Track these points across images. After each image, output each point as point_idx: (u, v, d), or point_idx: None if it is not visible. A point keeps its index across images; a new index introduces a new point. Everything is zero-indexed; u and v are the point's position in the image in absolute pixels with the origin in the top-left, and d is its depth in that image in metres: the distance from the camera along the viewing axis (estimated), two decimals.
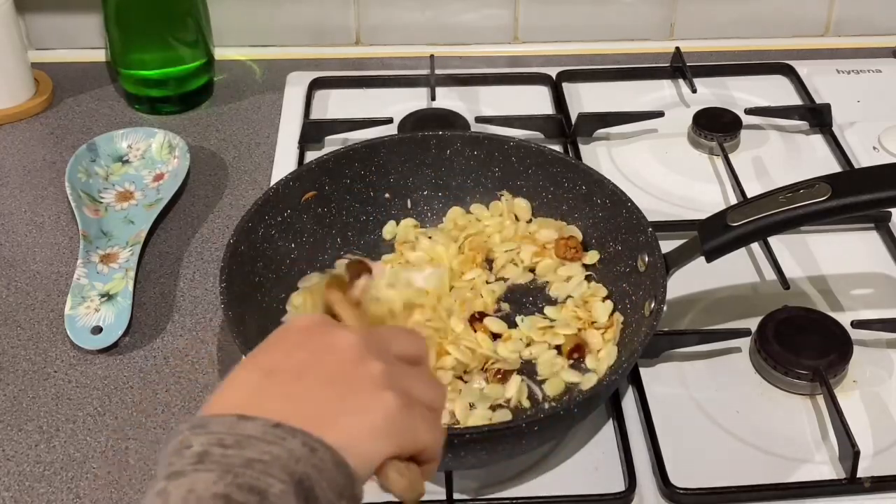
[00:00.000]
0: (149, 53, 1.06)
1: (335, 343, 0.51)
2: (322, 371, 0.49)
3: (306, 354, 0.50)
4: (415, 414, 0.50)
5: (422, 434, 0.50)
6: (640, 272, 0.76)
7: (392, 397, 0.48)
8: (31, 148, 1.03)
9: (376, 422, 0.48)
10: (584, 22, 1.17)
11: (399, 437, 0.48)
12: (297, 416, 0.46)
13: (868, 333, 0.78)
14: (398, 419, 0.48)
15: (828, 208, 0.69)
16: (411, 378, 0.51)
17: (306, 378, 0.48)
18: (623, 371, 0.69)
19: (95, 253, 0.87)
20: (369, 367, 0.49)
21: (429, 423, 0.51)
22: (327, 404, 0.48)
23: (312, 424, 0.46)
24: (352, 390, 0.48)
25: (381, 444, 0.48)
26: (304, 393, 0.48)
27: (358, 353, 0.50)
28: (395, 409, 0.48)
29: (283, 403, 0.47)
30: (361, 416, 0.48)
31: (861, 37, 1.20)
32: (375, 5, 1.15)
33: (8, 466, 0.71)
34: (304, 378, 0.48)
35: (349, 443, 0.46)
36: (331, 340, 0.51)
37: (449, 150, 0.87)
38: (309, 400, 0.48)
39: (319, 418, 0.46)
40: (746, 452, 0.71)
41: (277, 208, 0.81)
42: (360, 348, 0.50)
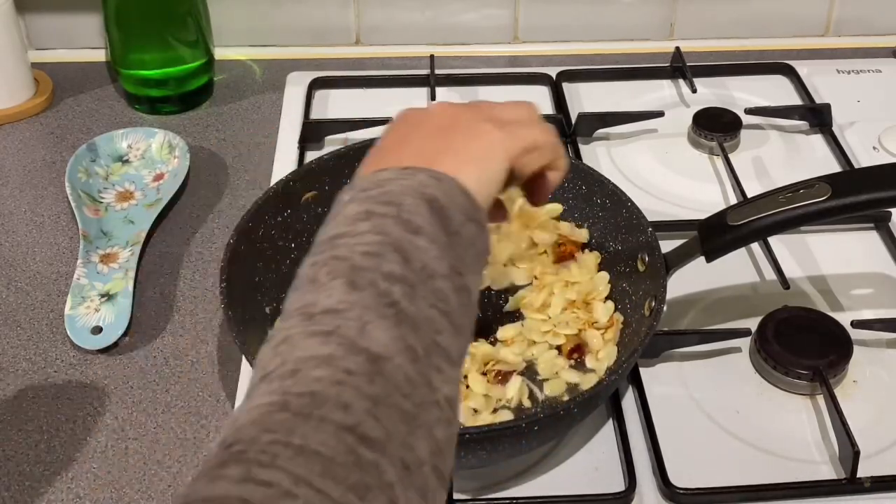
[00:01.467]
0: (149, 53, 1.06)
1: (430, 111, 0.59)
2: (424, 130, 0.57)
3: (407, 128, 0.58)
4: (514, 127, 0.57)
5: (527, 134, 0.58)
6: (640, 272, 0.76)
7: (490, 126, 0.56)
8: (31, 148, 1.03)
9: (481, 147, 0.55)
10: (584, 22, 1.17)
11: (507, 150, 0.56)
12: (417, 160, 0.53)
13: (868, 333, 0.78)
14: (500, 136, 0.56)
15: (828, 208, 0.69)
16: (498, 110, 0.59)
17: (411, 138, 0.56)
18: (623, 371, 0.69)
19: (95, 253, 0.87)
20: (463, 116, 0.57)
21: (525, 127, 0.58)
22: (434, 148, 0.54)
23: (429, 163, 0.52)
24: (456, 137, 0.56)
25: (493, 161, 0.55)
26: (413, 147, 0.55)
27: (452, 111, 0.58)
28: (494, 131, 0.56)
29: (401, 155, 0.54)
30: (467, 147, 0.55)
31: (861, 37, 1.20)
32: (375, 5, 1.15)
33: (8, 466, 0.71)
34: (410, 139, 0.56)
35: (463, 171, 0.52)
36: (425, 112, 0.60)
37: None
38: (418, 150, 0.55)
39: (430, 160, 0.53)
40: (746, 452, 0.71)
41: (277, 208, 0.81)
42: (451, 107, 0.59)
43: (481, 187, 0.53)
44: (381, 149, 0.57)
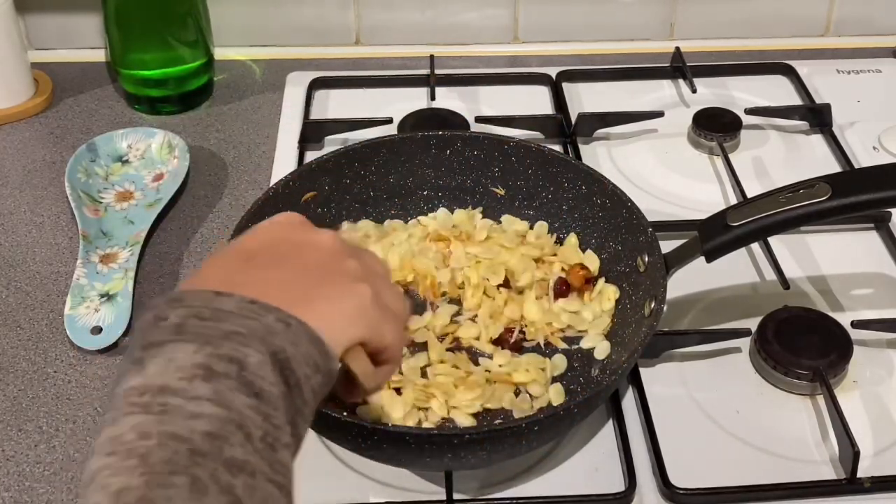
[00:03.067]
0: (149, 53, 1.06)
1: (315, 240, 0.53)
2: (301, 261, 0.51)
3: (287, 246, 0.52)
4: (384, 311, 0.52)
5: (388, 332, 0.52)
6: (640, 272, 0.76)
7: (366, 289, 0.51)
8: (31, 148, 1.03)
9: (350, 308, 0.50)
10: (584, 22, 1.17)
11: (369, 327, 0.51)
12: (273, 298, 0.47)
13: (868, 333, 0.78)
14: (370, 310, 0.51)
15: (828, 208, 0.69)
16: (381, 284, 0.54)
17: (285, 266, 0.51)
18: (623, 371, 0.68)
19: (95, 253, 0.87)
20: (347, 263, 0.52)
21: (394, 326, 0.53)
22: (303, 289, 0.49)
23: (288, 305, 0.47)
24: (328, 279, 0.51)
25: (353, 329, 0.50)
26: (282, 278, 0.50)
27: (337, 250, 0.53)
28: (368, 300, 0.51)
29: (260, 286, 0.48)
30: (336, 302, 0.50)
31: (861, 37, 1.20)
32: (375, 5, 1.15)
33: (8, 466, 0.71)
34: (283, 266, 0.51)
35: (323, 324, 0.48)
36: (312, 237, 0.53)
37: (449, 150, 0.87)
38: (286, 284, 0.49)
39: (295, 301, 0.48)
40: (746, 452, 0.71)
41: (277, 208, 0.80)
42: (338, 247, 0.53)
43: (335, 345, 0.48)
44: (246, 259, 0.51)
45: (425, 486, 0.69)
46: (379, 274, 0.55)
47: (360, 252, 0.55)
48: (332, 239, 0.53)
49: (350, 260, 0.52)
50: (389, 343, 0.53)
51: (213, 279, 0.49)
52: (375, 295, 0.51)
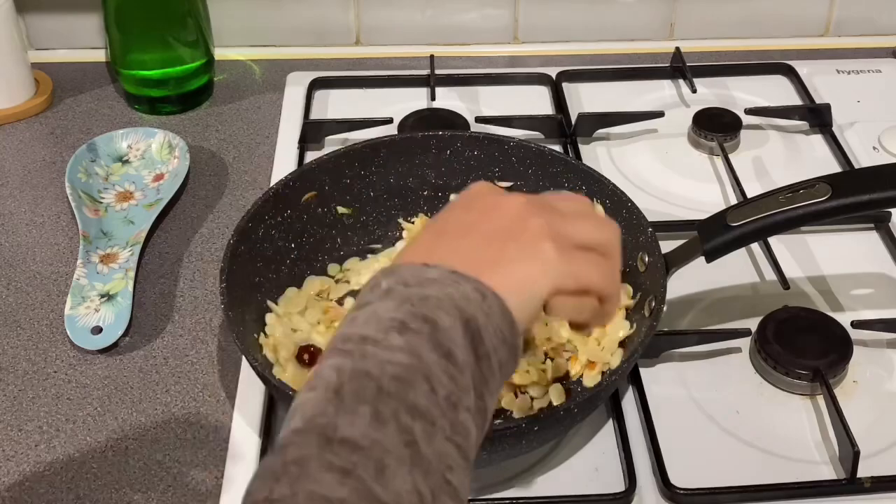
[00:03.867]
0: (149, 53, 1.06)
1: (500, 204, 0.55)
2: (486, 228, 0.54)
3: (474, 215, 0.55)
4: (576, 258, 0.54)
5: (585, 275, 0.54)
6: (640, 272, 0.76)
7: (550, 246, 0.53)
8: (31, 148, 1.03)
9: (534, 269, 0.52)
10: (584, 22, 1.17)
11: (558, 280, 0.52)
12: (460, 266, 0.50)
13: (868, 333, 0.78)
14: (555, 265, 0.52)
15: (828, 208, 0.69)
16: (576, 226, 0.55)
17: (472, 235, 0.53)
18: (623, 371, 0.69)
19: (95, 253, 0.87)
20: (530, 222, 0.53)
21: (594, 266, 0.55)
22: (488, 256, 0.52)
23: (476, 272, 0.50)
24: (512, 243, 0.53)
25: (538, 288, 0.52)
26: (469, 247, 0.53)
27: (521, 211, 0.54)
28: (552, 256, 0.52)
29: (450, 256, 0.52)
30: (519, 265, 0.52)
31: (861, 37, 1.20)
32: (375, 5, 1.15)
33: (8, 466, 0.71)
34: (470, 235, 0.53)
35: (507, 290, 0.50)
36: (496, 201, 0.55)
37: (449, 150, 0.87)
38: (473, 252, 0.52)
39: (481, 266, 0.51)
40: (746, 452, 0.71)
41: (277, 208, 0.80)
42: (523, 207, 0.54)
43: (522, 311, 0.51)
44: (440, 232, 0.55)
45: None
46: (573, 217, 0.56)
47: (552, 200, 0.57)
48: (515, 201, 0.55)
49: (533, 218, 0.54)
50: (591, 283, 0.54)
51: (417, 252, 0.53)
52: (561, 246, 0.53)
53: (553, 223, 0.54)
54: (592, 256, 0.55)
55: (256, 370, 0.67)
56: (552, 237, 0.53)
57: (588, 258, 0.55)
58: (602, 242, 0.56)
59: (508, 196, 0.56)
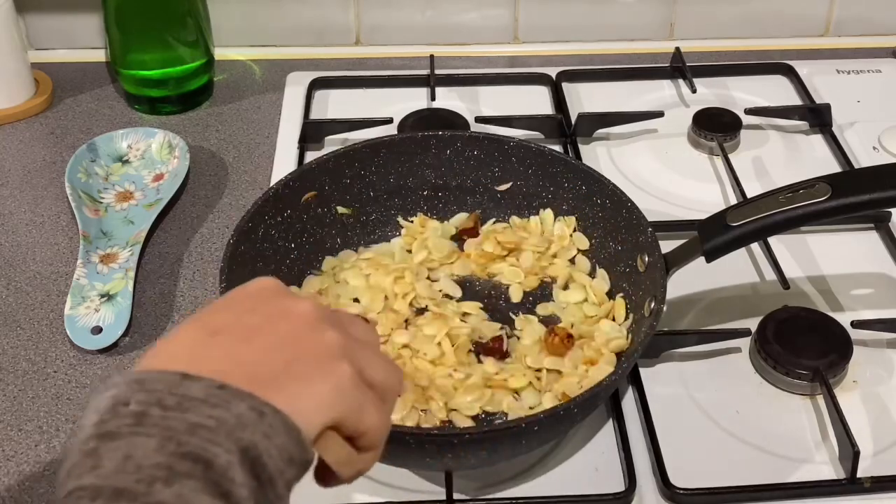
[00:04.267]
0: (149, 53, 1.06)
1: (290, 309, 0.48)
2: (273, 335, 0.46)
3: (258, 318, 0.47)
4: (365, 393, 0.47)
5: (368, 416, 0.47)
6: (640, 272, 0.76)
7: (346, 368, 0.46)
8: (31, 148, 1.03)
9: (325, 390, 0.45)
10: (584, 22, 1.17)
11: (345, 411, 0.46)
12: (242, 378, 0.42)
13: (868, 333, 0.78)
14: (348, 392, 0.46)
15: (828, 208, 0.69)
16: (367, 357, 0.48)
17: (255, 341, 0.45)
18: (623, 371, 0.68)
19: (95, 253, 0.87)
20: (325, 336, 0.47)
21: (377, 408, 0.48)
22: (275, 368, 0.44)
23: (258, 387, 0.42)
24: (304, 356, 0.46)
25: (326, 413, 0.45)
26: (252, 355, 0.45)
27: (314, 321, 0.47)
28: (347, 381, 0.46)
29: (229, 364, 0.43)
30: (311, 383, 0.45)
31: (861, 37, 1.20)
32: (375, 5, 1.15)
33: (8, 466, 0.71)
34: (253, 341, 0.45)
35: (296, 408, 0.43)
36: (286, 306, 0.48)
37: (449, 150, 0.87)
38: (256, 362, 0.44)
39: (265, 382, 0.43)
40: (746, 452, 0.71)
41: (277, 208, 0.80)
42: (316, 317, 0.48)
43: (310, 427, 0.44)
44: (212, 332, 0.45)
45: (425, 486, 0.69)
46: (365, 345, 0.49)
47: (344, 320, 0.50)
48: (308, 307, 0.48)
49: (329, 331, 0.47)
50: (369, 427, 0.47)
51: (177, 354, 0.44)
52: (357, 372, 0.47)
53: (349, 345, 0.47)
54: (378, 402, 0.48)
55: None
56: (347, 358, 0.46)
57: (375, 402, 0.48)
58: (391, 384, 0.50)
59: (298, 301, 0.48)
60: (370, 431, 0.47)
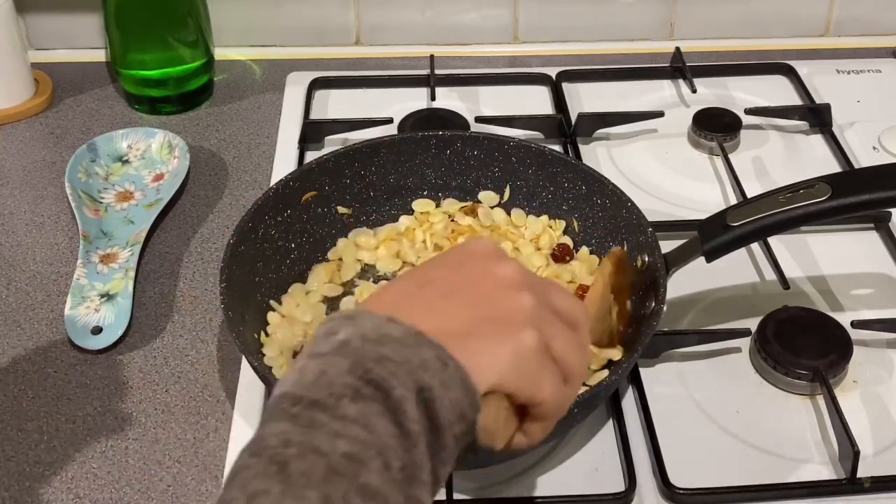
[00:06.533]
0: (149, 53, 1.06)
1: (495, 270, 0.51)
2: (472, 293, 0.49)
3: (464, 275, 0.50)
4: (545, 364, 0.49)
5: (545, 387, 0.49)
6: (641, 272, 0.76)
7: (531, 334, 0.48)
8: (31, 148, 1.03)
9: (504, 353, 0.47)
10: (584, 22, 1.17)
11: (521, 378, 0.48)
12: (436, 330, 0.46)
13: (868, 333, 0.78)
14: (528, 360, 0.48)
15: (828, 208, 0.69)
16: (559, 331, 0.50)
17: (455, 296, 0.49)
18: (623, 371, 0.68)
19: (95, 253, 0.87)
20: (520, 299, 0.49)
21: (555, 382, 0.49)
22: (466, 325, 0.47)
23: (447, 340, 0.46)
24: (494, 317, 0.48)
25: (499, 375, 0.47)
26: (449, 309, 0.48)
27: (514, 283, 0.50)
28: (529, 349, 0.48)
29: (426, 315, 0.47)
30: (493, 344, 0.47)
31: (861, 37, 1.20)
32: (375, 5, 1.15)
33: (8, 466, 0.71)
34: (454, 296, 0.49)
35: (473, 365, 0.46)
36: (492, 267, 0.51)
37: (449, 150, 0.87)
38: (451, 317, 0.48)
39: (454, 336, 0.46)
40: (746, 452, 0.71)
41: (277, 208, 0.81)
42: (518, 280, 0.50)
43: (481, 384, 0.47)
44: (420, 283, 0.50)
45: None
46: (561, 318, 0.51)
47: (550, 290, 0.52)
48: (513, 269, 0.50)
49: (525, 295, 0.49)
50: (544, 399, 0.49)
51: (387, 300, 0.49)
52: (542, 343, 0.48)
53: (542, 313, 0.49)
54: (558, 375, 0.50)
55: (256, 370, 0.67)
56: (535, 326, 0.48)
57: (555, 371, 0.49)
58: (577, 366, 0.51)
59: (506, 263, 0.51)
60: (545, 404, 0.49)
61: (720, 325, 0.79)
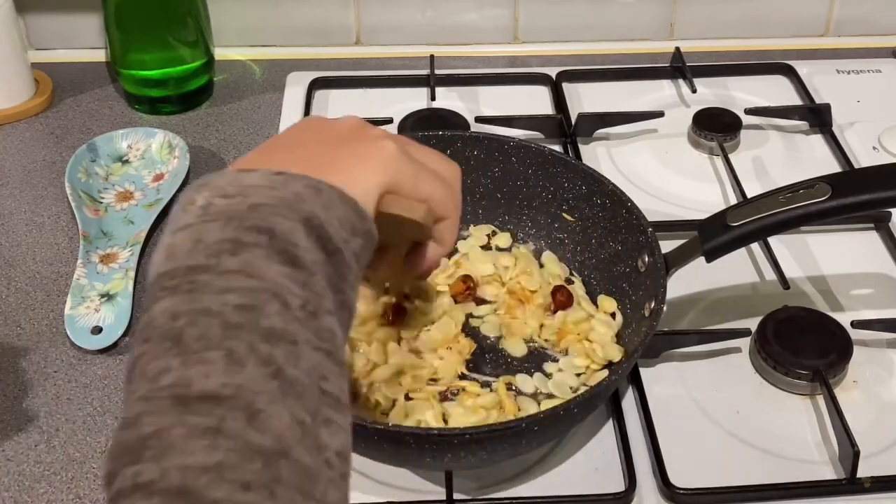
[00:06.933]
0: (149, 53, 1.06)
1: (337, 122, 0.53)
2: (323, 137, 0.51)
3: (310, 132, 0.53)
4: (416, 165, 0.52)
5: (423, 182, 0.52)
6: (640, 272, 0.76)
7: (391, 144, 0.51)
8: (31, 148, 1.03)
9: (372, 163, 0.50)
10: (584, 22, 1.17)
11: (396, 175, 0.51)
12: (296, 166, 0.47)
13: (868, 333, 0.78)
14: (396, 161, 0.51)
15: (828, 208, 0.69)
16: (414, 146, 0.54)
17: (307, 145, 0.51)
18: (623, 371, 0.68)
19: (95, 253, 0.87)
20: (369, 130, 0.52)
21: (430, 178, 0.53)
22: (326, 156, 0.49)
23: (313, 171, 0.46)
24: (352, 144, 0.51)
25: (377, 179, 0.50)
26: (304, 150, 0.50)
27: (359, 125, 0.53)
28: (392, 152, 0.51)
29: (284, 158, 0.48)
30: (360, 159, 0.50)
31: (861, 37, 1.20)
32: (375, 5, 1.15)
33: (8, 466, 0.71)
34: (305, 145, 0.51)
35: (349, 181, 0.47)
36: (332, 122, 0.54)
37: (449, 151, 0.86)
38: (309, 157, 0.49)
39: (319, 168, 0.47)
40: (746, 452, 0.71)
41: None
42: (361, 122, 0.53)
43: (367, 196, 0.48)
44: (267, 147, 0.51)
45: (425, 486, 0.69)
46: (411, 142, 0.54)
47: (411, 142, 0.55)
48: (353, 119, 0.54)
49: (373, 129, 0.53)
50: (426, 194, 0.52)
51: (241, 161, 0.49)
52: (403, 149, 0.51)
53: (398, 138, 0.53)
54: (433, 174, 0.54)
55: None
56: (393, 140, 0.52)
57: (429, 173, 0.53)
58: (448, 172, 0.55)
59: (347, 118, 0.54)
60: (432, 196, 0.53)
61: (720, 325, 0.79)
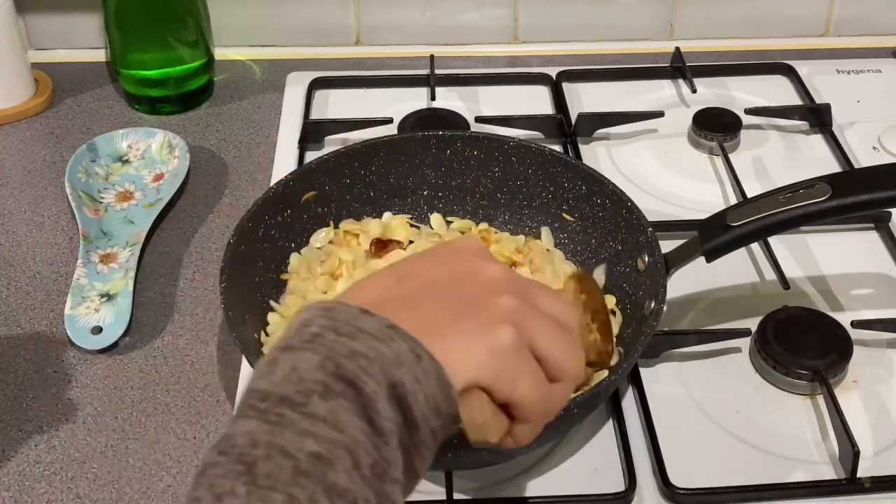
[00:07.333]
0: (149, 53, 1.06)
1: (479, 269, 0.50)
2: (452, 290, 0.49)
3: (446, 272, 0.50)
4: (524, 362, 0.48)
5: (521, 386, 0.48)
6: (640, 272, 0.76)
7: (508, 331, 0.47)
8: (31, 148, 1.03)
9: (479, 348, 0.47)
10: (584, 22, 1.17)
11: (496, 374, 0.47)
12: (411, 324, 0.46)
13: (868, 333, 0.78)
14: (504, 357, 0.47)
15: (828, 208, 0.69)
16: (543, 331, 0.49)
17: (434, 292, 0.49)
18: (623, 371, 0.68)
19: (95, 253, 0.87)
20: (500, 299, 0.48)
21: (535, 380, 0.48)
22: (441, 320, 0.47)
23: (419, 333, 0.45)
24: (472, 314, 0.48)
25: (474, 371, 0.47)
26: (426, 305, 0.48)
27: (497, 284, 0.49)
28: (504, 344, 0.47)
29: (402, 309, 0.47)
30: (469, 340, 0.47)
31: (861, 37, 1.20)
32: (375, 5, 1.15)
33: (8, 466, 0.71)
34: (433, 292, 0.49)
35: (448, 360, 0.46)
36: (476, 266, 0.50)
37: (449, 150, 0.87)
38: (427, 312, 0.47)
39: (427, 329, 0.46)
40: (746, 452, 0.71)
41: (277, 208, 0.80)
42: (502, 281, 0.50)
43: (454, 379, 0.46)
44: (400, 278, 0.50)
45: (425, 486, 0.69)
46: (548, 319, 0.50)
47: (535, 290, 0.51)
48: (499, 271, 0.50)
49: (506, 296, 0.48)
50: (522, 397, 0.48)
51: (365, 293, 0.49)
52: (522, 341, 0.48)
53: (523, 311, 0.49)
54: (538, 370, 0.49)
55: None
56: (516, 325, 0.48)
57: (535, 370, 0.49)
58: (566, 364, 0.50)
59: (492, 264, 0.51)
60: (524, 403, 0.48)
61: (720, 325, 0.79)
